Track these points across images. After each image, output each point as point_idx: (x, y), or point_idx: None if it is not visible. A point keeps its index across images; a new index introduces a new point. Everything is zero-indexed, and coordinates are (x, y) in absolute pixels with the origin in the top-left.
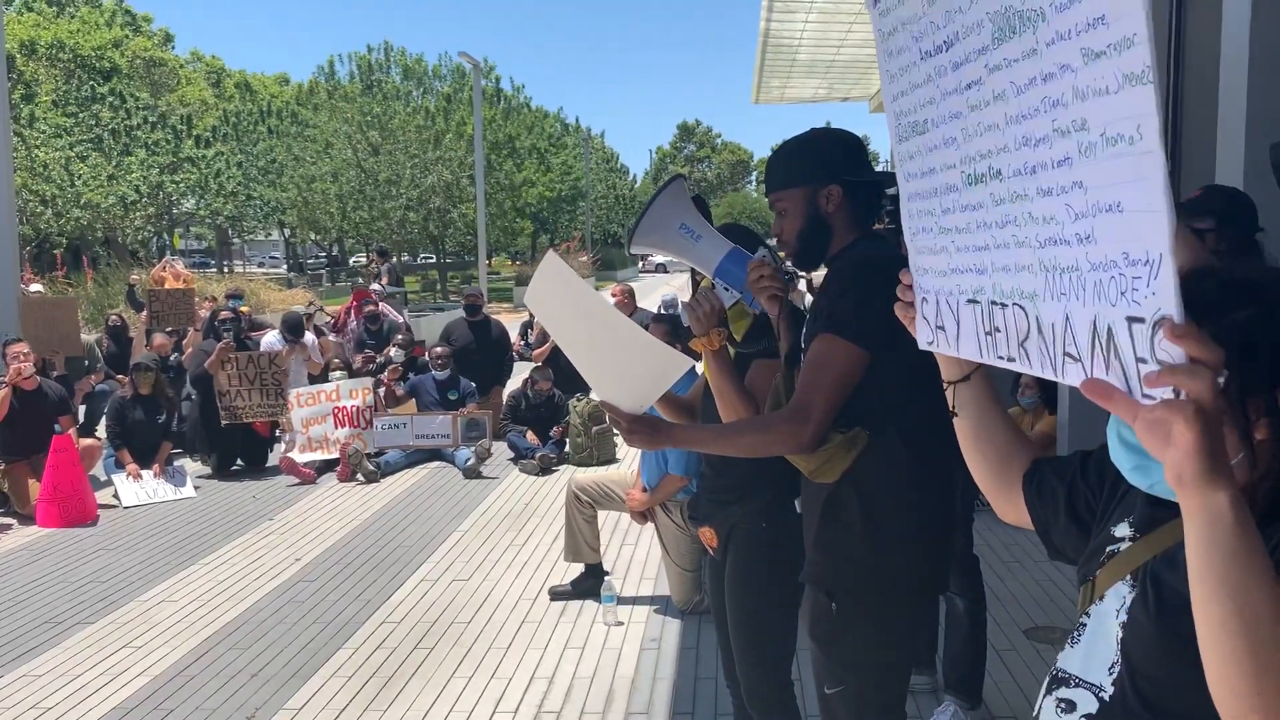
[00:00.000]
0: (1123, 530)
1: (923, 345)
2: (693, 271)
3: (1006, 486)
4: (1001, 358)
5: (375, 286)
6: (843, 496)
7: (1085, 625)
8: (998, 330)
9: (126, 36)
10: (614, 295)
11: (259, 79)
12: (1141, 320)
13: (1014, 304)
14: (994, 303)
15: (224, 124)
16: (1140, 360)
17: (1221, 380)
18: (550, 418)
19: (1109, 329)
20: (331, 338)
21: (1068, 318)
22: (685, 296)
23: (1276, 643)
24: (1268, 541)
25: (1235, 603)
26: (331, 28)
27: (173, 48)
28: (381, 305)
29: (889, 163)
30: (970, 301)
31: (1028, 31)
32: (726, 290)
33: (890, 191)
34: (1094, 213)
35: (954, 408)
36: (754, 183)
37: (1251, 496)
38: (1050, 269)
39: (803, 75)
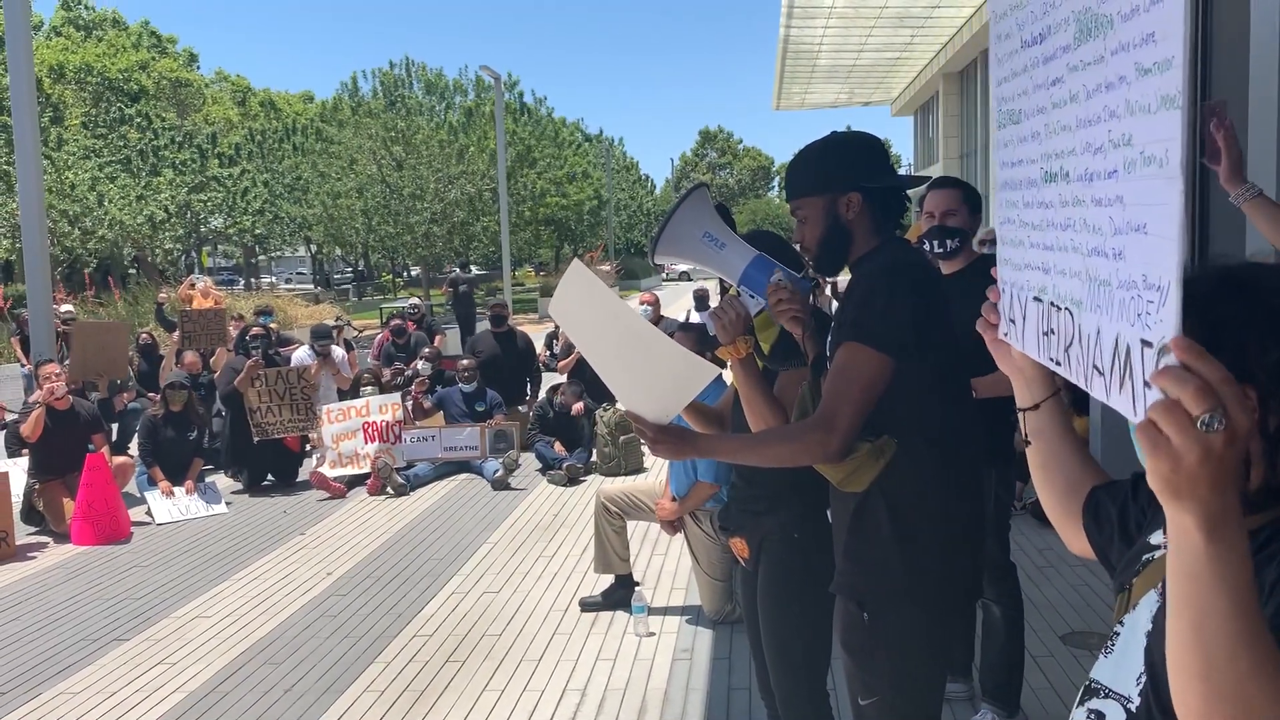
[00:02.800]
0: (1158, 538)
1: (1000, 335)
2: (721, 278)
3: (1073, 517)
4: (1052, 360)
5: (414, 300)
6: (872, 506)
7: (1118, 635)
8: (1052, 332)
9: (153, 58)
10: (646, 302)
11: (283, 97)
12: (1150, 345)
13: (1065, 308)
14: (1052, 304)
15: (249, 142)
16: (1147, 385)
17: (1214, 422)
18: (579, 428)
19: (1127, 349)
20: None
21: (1098, 330)
22: (716, 301)
23: (1229, 668)
24: (1253, 540)
25: (1193, 622)
26: (354, 45)
27: (198, 68)
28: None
29: (911, 166)
30: (1035, 299)
31: (1099, 37)
32: (753, 298)
33: (913, 193)
34: (1127, 230)
35: (1026, 436)
36: (776, 188)
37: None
38: (1093, 279)
39: (823, 81)
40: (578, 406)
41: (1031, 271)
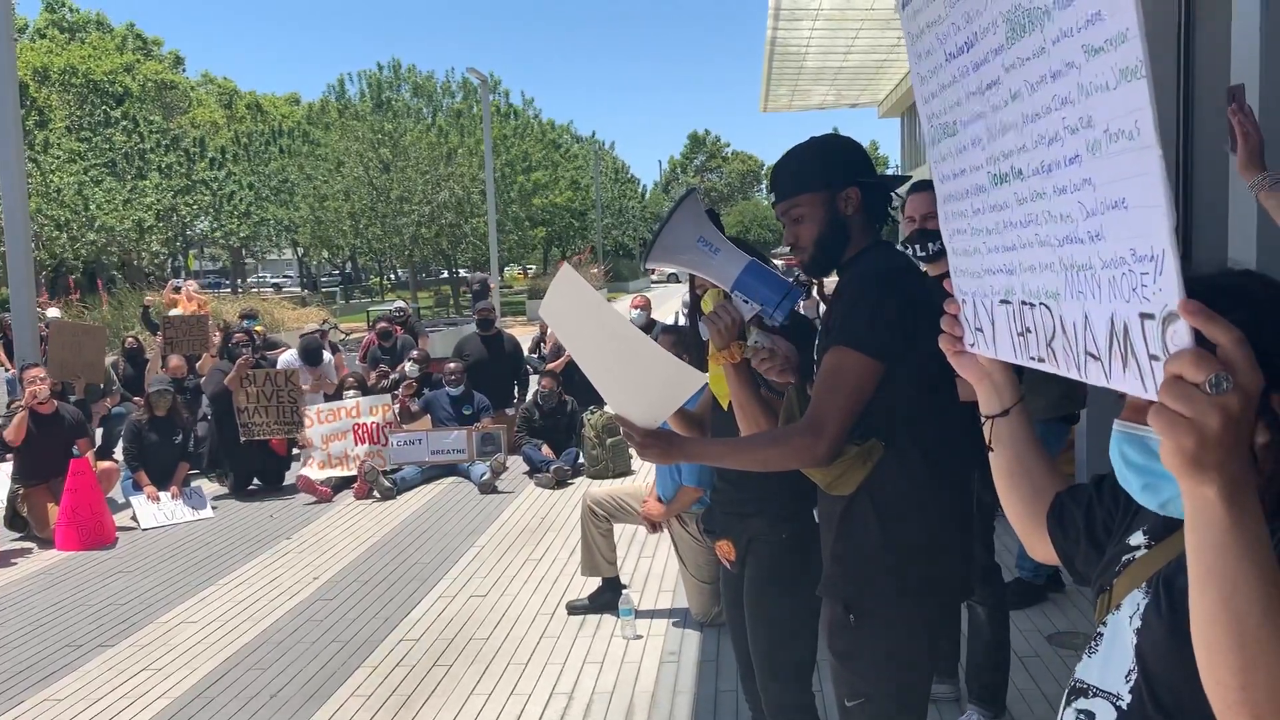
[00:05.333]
0: (1137, 539)
1: (966, 347)
2: (691, 283)
3: (1037, 524)
4: (1033, 358)
5: (399, 303)
6: (859, 508)
7: (1102, 635)
8: (1029, 330)
9: (138, 60)
10: (638, 306)
11: (270, 99)
12: (1152, 316)
13: (1040, 303)
14: (1024, 303)
15: (236, 145)
16: (1153, 358)
17: (1221, 383)
18: (567, 427)
19: (1125, 326)
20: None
21: (1086, 316)
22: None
23: (1263, 639)
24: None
25: (1222, 595)
26: (341, 47)
27: (184, 70)
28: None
29: (898, 167)
30: (1003, 302)
31: (1036, 30)
32: (746, 303)
33: (899, 193)
34: (1102, 210)
35: (991, 443)
36: (764, 191)
37: (1260, 498)
38: (1069, 267)
39: (810, 82)
40: (557, 363)
41: (994, 276)
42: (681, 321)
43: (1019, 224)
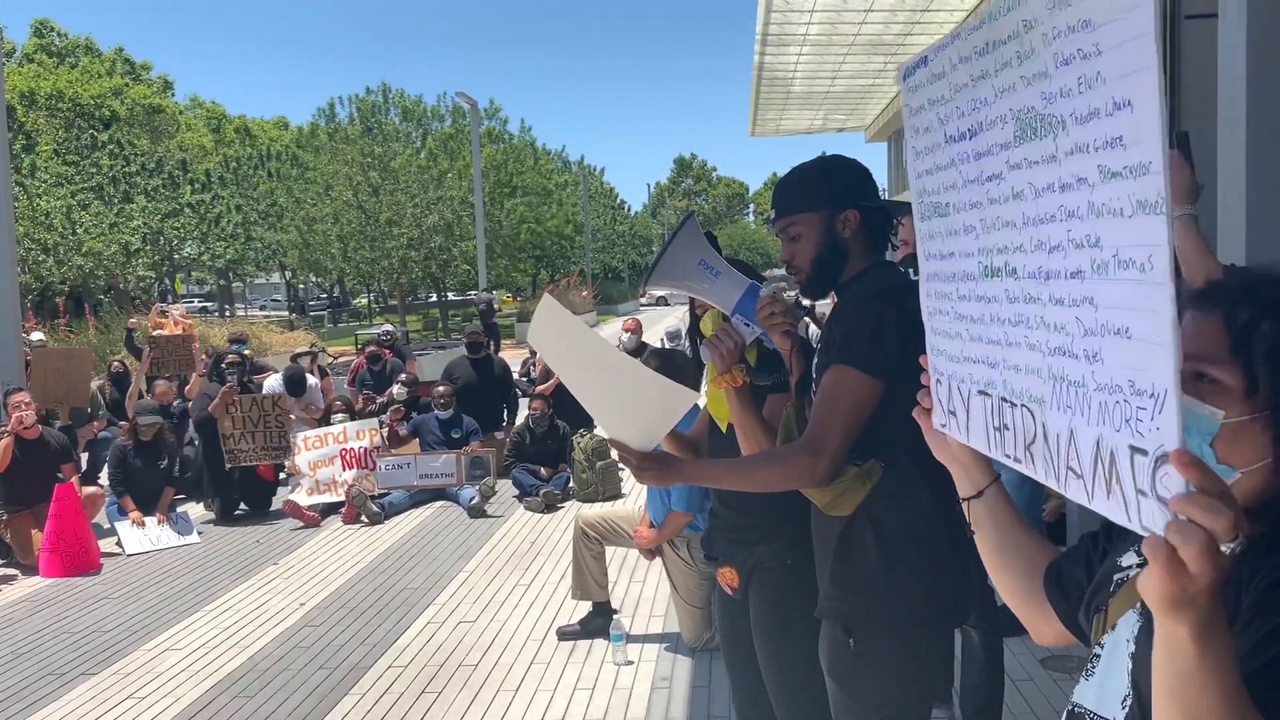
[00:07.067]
0: (1129, 559)
1: (936, 427)
2: (691, 305)
3: (1037, 599)
4: (1009, 456)
5: (386, 326)
6: (858, 530)
7: (1099, 657)
8: (1006, 428)
9: (126, 85)
10: (629, 329)
11: (258, 123)
12: (1144, 452)
13: (1022, 405)
14: (1003, 399)
15: (224, 169)
16: (1140, 493)
17: (1237, 548)
18: (557, 453)
19: (1112, 453)
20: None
21: (1072, 432)
22: (686, 327)
23: None
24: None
25: (1185, 710)
26: (331, 73)
27: (172, 95)
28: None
29: (886, 191)
30: (981, 393)
31: (1049, 137)
32: (747, 325)
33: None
34: (1103, 333)
35: (971, 525)
36: (751, 214)
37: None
38: (1058, 379)
39: (798, 107)
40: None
41: (974, 365)
42: (668, 346)
43: (1008, 321)
